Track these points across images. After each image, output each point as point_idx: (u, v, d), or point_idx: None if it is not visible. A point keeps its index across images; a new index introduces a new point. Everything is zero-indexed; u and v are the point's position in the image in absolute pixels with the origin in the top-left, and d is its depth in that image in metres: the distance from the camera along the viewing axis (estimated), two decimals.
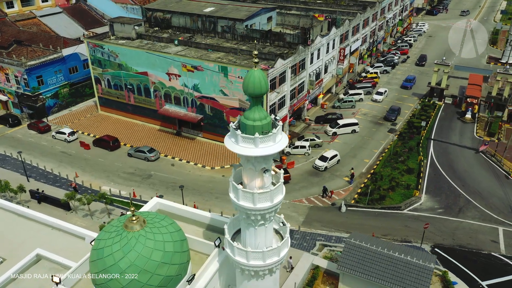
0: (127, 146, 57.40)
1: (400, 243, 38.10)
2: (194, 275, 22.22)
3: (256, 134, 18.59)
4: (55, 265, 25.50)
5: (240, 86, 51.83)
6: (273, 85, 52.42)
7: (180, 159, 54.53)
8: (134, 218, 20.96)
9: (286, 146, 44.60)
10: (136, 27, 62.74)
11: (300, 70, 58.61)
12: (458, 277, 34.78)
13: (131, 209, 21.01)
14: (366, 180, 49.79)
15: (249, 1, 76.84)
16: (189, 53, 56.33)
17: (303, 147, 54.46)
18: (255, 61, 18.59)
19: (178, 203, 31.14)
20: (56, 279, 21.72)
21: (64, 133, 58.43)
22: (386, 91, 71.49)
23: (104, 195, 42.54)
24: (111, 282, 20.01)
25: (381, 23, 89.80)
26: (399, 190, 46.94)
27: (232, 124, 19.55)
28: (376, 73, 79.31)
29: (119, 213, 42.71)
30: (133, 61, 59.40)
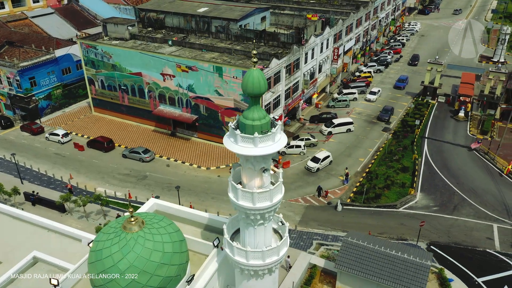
0: (122, 147, 57.11)
1: (396, 241, 38.30)
2: (193, 276, 22.16)
3: (256, 134, 18.59)
4: (52, 268, 25.27)
5: (235, 86, 51.96)
6: (268, 85, 52.42)
7: (175, 160, 54.37)
8: (133, 219, 20.82)
9: None
10: (130, 28, 62.46)
11: (295, 70, 58.73)
12: (454, 274, 35.11)
13: (130, 210, 20.90)
14: (362, 179, 50.01)
15: (243, 1, 76.84)
16: (184, 54, 56.19)
17: (299, 147, 54.56)
18: (254, 61, 18.59)
19: (175, 204, 31.03)
20: (54, 281, 21.53)
21: (58, 135, 57.97)
22: (380, 91, 71.85)
23: (100, 197, 42.29)
24: (110, 284, 19.87)
25: (374, 23, 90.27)
26: (395, 189, 47.22)
27: (231, 124, 19.53)
28: (370, 73, 79.69)
29: (115, 215, 42.52)
30: (127, 62, 59.11)
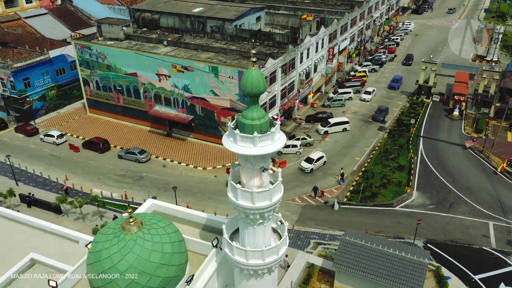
0: (117, 148, 56.87)
1: (393, 240, 38.44)
2: (193, 276, 22.12)
3: (255, 133, 18.60)
4: (50, 269, 25.14)
5: (231, 86, 51.93)
6: None
7: (172, 160, 54.23)
8: (132, 220, 20.76)
9: None
10: (125, 28, 62.23)
11: (290, 70, 58.80)
12: (451, 272, 35.32)
13: (128, 211, 20.84)
14: (358, 178, 50.17)
15: (238, 1, 76.83)
16: (179, 54, 56.07)
17: (295, 146, 54.63)
18: (253, 60, 18.60)
19: (172, 204, 30.98)
20: (53, 283, 21.42)
21: (53, 136, 57.60)
22: (375, 90, 72.07)
23: (96, 198, 42.08)
24: (110, 285, 19.79)
25: (369, 22, 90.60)
26: (391, 187, 47.41)
27: (230, 124, 19.53)
28: (365, 72, 79.95)
29: (112, 216, 42.33)
30: (122, 62, 58.87)
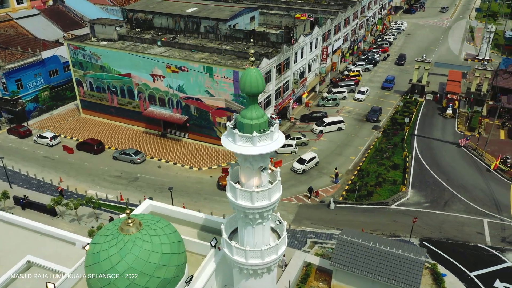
0: (112, 149, 56.57)
1: (390, 238, 38.65)
2: (192, 276, 22.06)
3: (254, 133, 18.59)
4: (47, 272, 24.93)
5: (226, 86, 51.89)
6: None
7: (167, 161, 54.04)
8: (130, 221, 20.65)
9: None
10: (118, 28, 61.91)
11: (285, 70, 58.87)
12: (447, 269, 35.54)
13: (127, 212, 20.73)
14: (353, 177, 50.37)
15: (231, 1, 76.78)
16: (173, 54, 55.89)
17: (290, 146, 54.69)
18: (252, 60, 18.59)
19: (170, 205, 30.86)
20: (51, 286, 21.25)
21: (46, 137, 57.15)
22: (368, 90, 72.35)
23: (92, 199, 41.82)
24: (109, 286, 19.67)
25: (362, 22, 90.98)
26: (386, 186, 47.65)
27: (229, 123, 19.51)
28: (358, 71, 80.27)
29: (108, 217, 42.09)
30: (116, 63, 58.58)
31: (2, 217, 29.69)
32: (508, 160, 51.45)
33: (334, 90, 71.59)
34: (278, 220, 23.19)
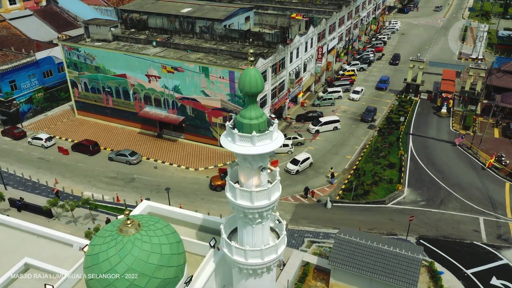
0: (108, 150, 56.32)
1: (387, 236, 38.79)
2: (192, 277, 22.03)
3: (254, 133, 18.59)
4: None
5: (222, 86, 51.86)
6: None
7: (163, 162, 53.90)
8: (129, 222, 20.58)
9: None
10: (113, 29, 61.64)
11: (281, 69, 58.93)
12: (444, 267, 35.75)
13: (126, 213, 20.66)
14: (350, 176, 50.52)
15: (226, 1, 76.74)
16: (168, 54, 55.74)
17: (286, 146, 54.72)
18: (251, 60, 18.59)
19: (168, 206, 30.81)
20: (49, 287, 21.15)
21: (41, 139, 56.81)
22: (363, 90, 72.53)
23: (88, 201, 41.61)
24: (109, 287, 19.61)
25: (356, 22, 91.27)
26: (382, 185, 47.85)
27: (229, 123, 19.50)
28: (353, 71, 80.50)
29: (104, 219, 41.90)
30: (111, 64, 58.34)
31: None
32: (503, 158, 51.85)
33: (330, 90, 71.74)
34: (277, 220, 23.20)
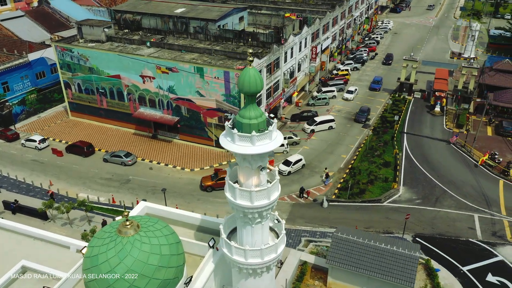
0: (102, 152, 55.99)
1: (383, 235, 38.98)
2: (191, 277, 21.99)
3: (253, 132, 18.60)
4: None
5: (217, 87, 51.80)
6: None
7: (158, 163, 53.70)
8: (128, 223, 20.50)
9: None
10: (106, 30, 61.29)
11: (275, 69, 58.97)
12: (440, 264, 36.01)
13: (125, 214, 20.58)
14: (345, 175, 50.69)
15: (219, 1, 76.66)
16: (163, 55, 55.55)
17: (282, 145, 54.81)
18: (250, 60, 18.60)
19: (165, 206, 30.70)
20: None
21: (35, 141, 56.30)
22: (357, 89, 72.76)
23: (84, 202, 41.34)
24: None
25: (349, 21, 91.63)
26: (378, 183, 48.08)
27: (228, 123, 19.49)
28: (347, 70, 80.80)
29: (100, 220, 41.63)
30: (105, 64, 58.02)
31: None
32: (496, 156, 52.34)
33: (324, 89, 71.93)
34: (276, 219, 23.24)
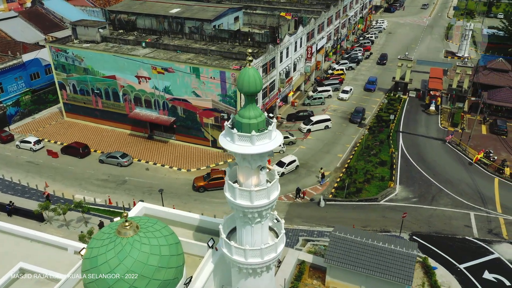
0: (98, 153, 55.74)
1: (380, 233, 39.11)
2: (191, 277, 21.96)
3: (253, 132, 18.61)
4: (41, 278, 24.45)
5: (213, 87, 51.75)
6: None
7: (155, 163, 53.55)
8: (127, 224, 20.44)
9: None
10: (101, 30, 61.01)
11: (271, 69, 58.99)
12: (437, 262, 36.21)
13: (124, 215, 20.52)
14: (342, 174, 50.83)
15: (214, 1, 76.58)
16: (158, 55, 55.41)
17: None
18: (249, 59, 18.60)
19: (163, 207, 30.63)
20: None
21: (30, 142, 55.94)
22: (352, 89, 72.93)
23: (81, 204, 41.13)
24: None
25: (344, 21, 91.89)
26: (374, 182, 48.25)
27: (227, 123, 19.48)
28: (342, 70, 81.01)
29: (97, 222, 41.45)
30: (100, 65, 57.76)
31: None
32: (491, 154, 52.71)
33: (319, 89, 72.07)
34: (276, 219, 23.26)
